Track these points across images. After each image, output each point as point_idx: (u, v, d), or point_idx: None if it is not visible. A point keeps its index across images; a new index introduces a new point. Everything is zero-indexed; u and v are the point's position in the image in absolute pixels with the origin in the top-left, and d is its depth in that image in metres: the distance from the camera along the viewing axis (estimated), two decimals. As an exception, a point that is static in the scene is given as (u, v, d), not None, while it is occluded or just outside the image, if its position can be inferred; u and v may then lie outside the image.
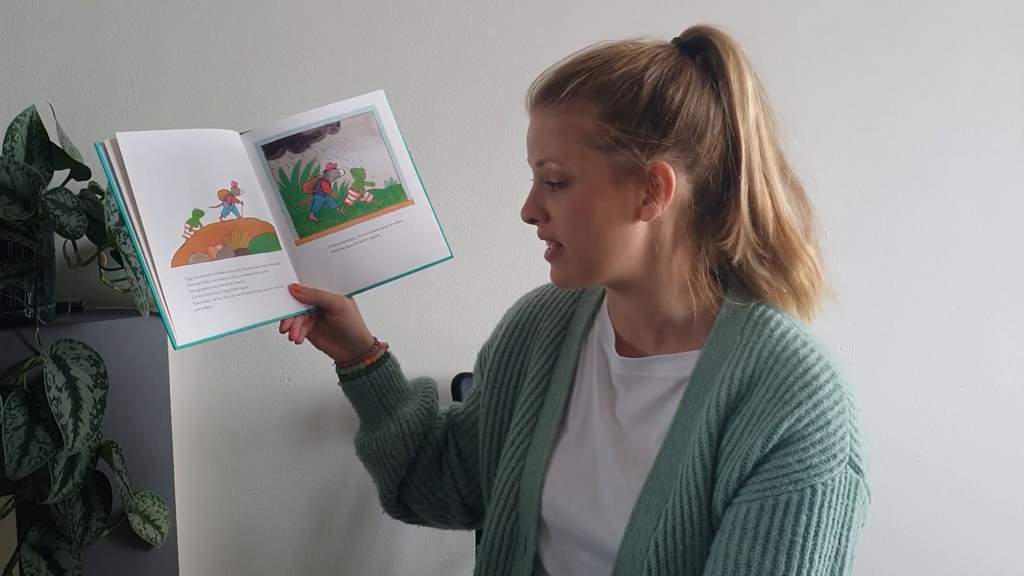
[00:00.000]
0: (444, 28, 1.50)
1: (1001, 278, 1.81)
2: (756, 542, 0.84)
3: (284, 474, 1.51)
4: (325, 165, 1.06)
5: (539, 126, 0.92)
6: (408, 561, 1.58)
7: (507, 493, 1.03)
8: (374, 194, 1.08)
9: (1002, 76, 1.76)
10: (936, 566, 1.84)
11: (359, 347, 1.09)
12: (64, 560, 1.20)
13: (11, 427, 1.10)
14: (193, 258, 0.97)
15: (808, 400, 0.85)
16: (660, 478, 0.91)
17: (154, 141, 0.97)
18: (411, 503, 1.14)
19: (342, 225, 1.06)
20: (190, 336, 0.94)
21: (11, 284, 1.17)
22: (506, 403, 1.08)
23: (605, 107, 0.88)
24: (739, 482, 0.86)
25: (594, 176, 0.89)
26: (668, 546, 0.88)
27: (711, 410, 0.89)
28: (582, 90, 0.89)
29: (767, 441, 0.85)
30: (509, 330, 1.11)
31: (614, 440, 0.97)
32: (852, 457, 0.85)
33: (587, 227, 0.90)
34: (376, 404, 1.10)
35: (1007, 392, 1.83)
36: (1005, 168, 1.78)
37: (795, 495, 0.83)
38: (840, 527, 0.85)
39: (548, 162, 0.91)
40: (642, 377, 0.97)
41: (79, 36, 1.35)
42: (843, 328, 1.75)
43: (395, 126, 1.10)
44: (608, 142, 0.88)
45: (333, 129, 1.07)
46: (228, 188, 1.01)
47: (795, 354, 0.88)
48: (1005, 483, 1.85)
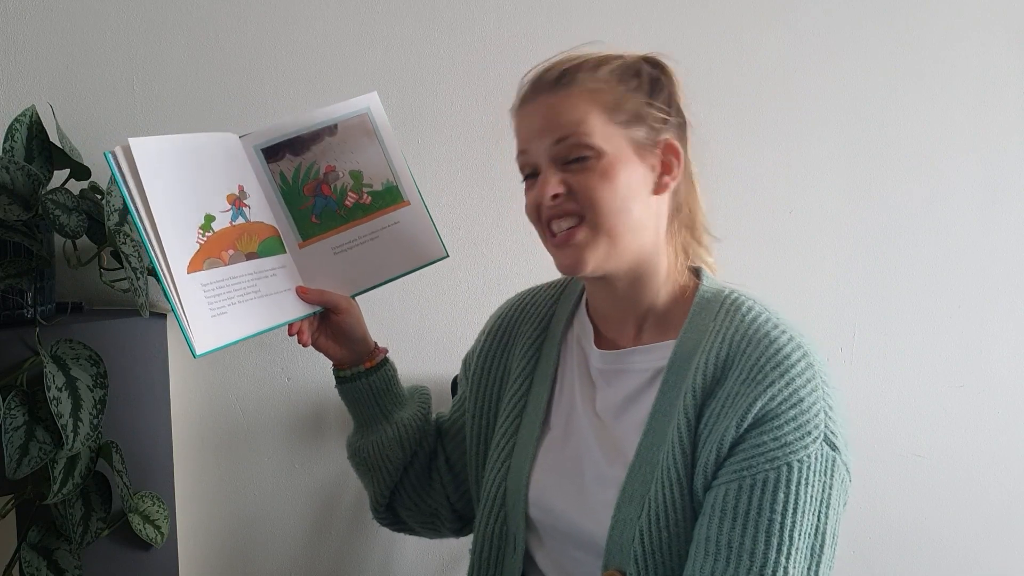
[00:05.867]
0: (442, 28, 1.50)
1: (1001, 278, 1.81)
2: (736, 522, 0.84)
3: (284, 474, 1.51)
4: (324, 167, 1.07)
5: (549, 108, 0.92)
6: (408, 561, 1.58)
7: (494, 493, 1.04)
8: (372, 196, 1.09)
9: (1002, 76, 1.76)
10: (936, 566, 1.84)
11: (361, 349, 1.09)
12: (64, 560, 1.20)
13: (11, 427, 1.10)
14: (207, 263, 0.97)
15: (780, 379, 0.86)
16: (642, 467, 0.92)
17: (164, 146, 0.97)
18: (401, 510, 1.14)
19: (343, 227, 1.07)
20: (209, 343, 0.94)
21: (11, 284, 1.17)
22: (491, 407, 1.09)
23: (623, 84, 0.93)
24: (717, 464, 0.87)
25: (617, 148, 0.92)
26: (653, 534, 0.89)
27: (688, 396, 0.90)
28: (600, 71, 0.93)
29: (741, 421, 0.86)
30: (491, 335, 1.12)
31: (597, 434, 0.98)
32: (827, 434, 0.86)
33: (614, 194, 0.91)
34: (373, 408, 1.11)
35: (1007, 392, 1.83)
36: (1005, 168, 1.78)
37: (771, 473, 0.84)
38: (819, 504, 0.85)
39: (570, 136, 0.91)
40: (621, 370, 0.98)
41: (79, 36, 1.35)
42: (843, 328, 1.75)
43: (389, 128, 1.11)
44: (627, 117, 0.92)
45: (331, 132, 1.07)
46: (236, 192, 1.01)
47: (766, 336, 0.89)
48: (1005, 483, 1.85)
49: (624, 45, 0.97)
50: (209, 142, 1.01)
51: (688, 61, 0.99)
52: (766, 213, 1.67)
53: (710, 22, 1.59)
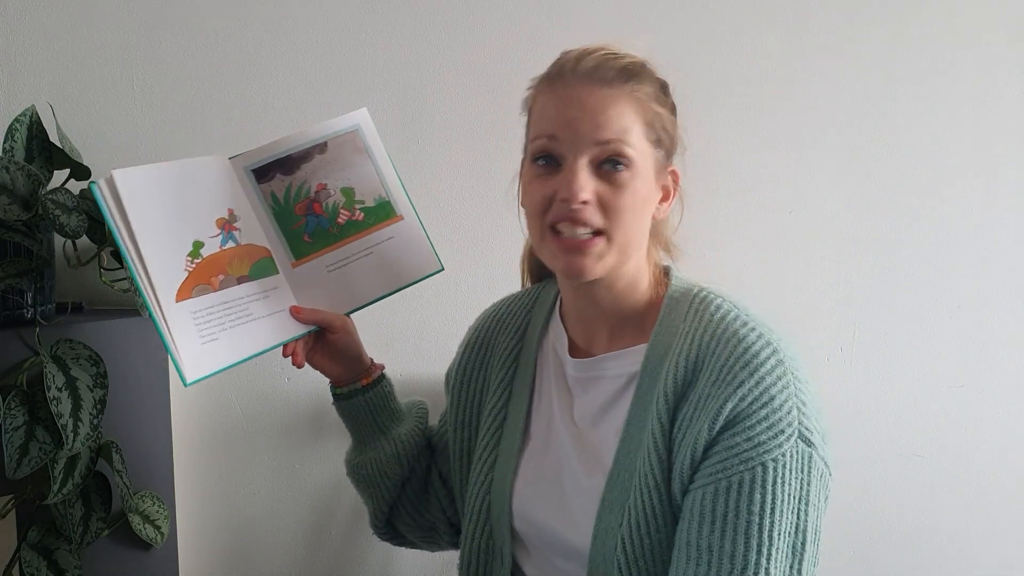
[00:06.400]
0: (440, 31, 1.50)
1: (1001, 278, 1.81)
2: (715, 526, 0.84)
3: (284, 474, 1.51)
4: (316, 186, 1.06)
5: (601, 101, 0.89)
6: (408, 561, 1.58)
7: (478, 507, 1.03)
8: (364, 212, 1.09)
9: (1002, 76, 1.76)
10: (936, 566, 1.84)
11: (357, 366, 1.09)
12: (64, 560, 1.20)
13: (11, 427, 1.10)
14: (197, 291, 0.96)
15: (750, 379, 0.85)
16: (620, 475, 0.91)
17: (149, 176, 0.96)
18: (400, 525, 1.14)
19: (336, 245, 1.07)
20: (200, 371, 0.94)
21: (11, 284, 1.17)
22: (471, 419, 1.09)
23: (659, 101, 0.92)
24: (692, 468, 0.86)
25: (647, 166, 0.92)
26: (635, 541, 0.88)
27: (660, 400, 0.89)
28: (645, 81, 0.91)
29: (713, 423, 0.85)
30: (469, 347, 1.12)
31: (576, 442, 0.97)
32: (802, 431, 0.85)
33: (636, 213, 0.91)
34: (370, 424, 1.10)
35: (1007, 392, 1.83)
36: (1005, 168, 1.78)
37: (747, 474, 0.83)
38: (797, 502, 0.84)
39: (614, 142, 0.89)
40: (595, 377, 0.97)
41: (79, 36, 1.35)
42: (843, 328, 1.74)
43: (380, 143, 1.11)
44: (657, 136, 0.92)
45: (321, 149, 1.07)
46: (225, 216, 1.01)
47: (735, 335, 0.88)
48: (1005, 483, 1.84)
49: (624, 45, 0.96)
50: (197, 167, 1.01)
51: (688, 61, 0.99)
52: (766, 214, 1.67)
53: (710, 22, 1.59)
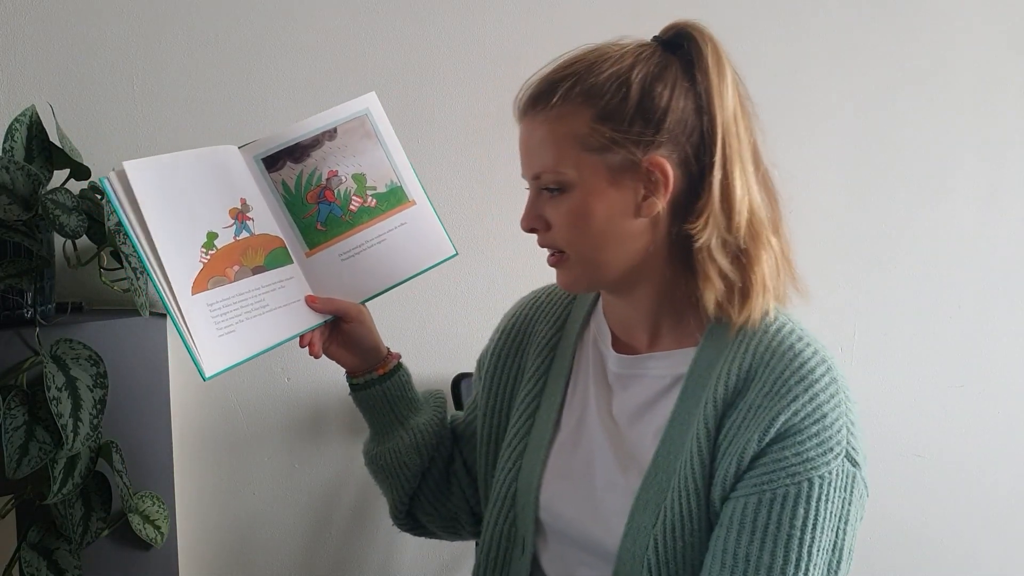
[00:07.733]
0: (443, 26, 1.50)
1: (1001, 278, 1.81)
2: (754, 536, 0.84)
3: (284, 474, 1.51)
4: (327, 173, 1.05)
5: (529, 136, 0.92)
6: (408, 561, 1.58)
7: (504, 494, 1.03)
8: (377, 198, 1.07)
9: (1003, 76, 1.76)
10: (936, 565, 1.84)
11: (373, 356, 1.08)
12: (64, 560, 1.20)
13: (11, 427, 1.10)
14: (212, 282, 0.95)
15: (804, 394, 0.85)
16: (658, 475, 0.91)
17: (160, 167, 0.95)
18: (421, 515, 1.13)
19: (349, 232, 1.05)
20: (218, 365, 0.93)
21: (11, 284, 1.17)
22: (503, 406, 1.08)
23: (596, 109, 0.88)
24: (736, 476, 0.86)
25: (591, 179, 0.89)
26: (668, 543, 0.88)
27: (708, 406, 0.89)
28: (572, 94, 0.89)
29: (764, 435, 0.85)
30: (505, 334, 1.11)
31: (611, 439, 0.97)
32: (849, 450, 0.86)
33: (588, 231, 0.90)
34: (388, 414, 1.09)
35: (1007, 392, 1.83)
36: (1006, 168, 1.78)
37: (792, 488, 0.84)
38: (837, 520, 0.85)
39: (544, 173, 0.91)
40: (638, 375, 0.97)
41: (79, 36, 1.34)
42: (843, 328, 1.75)
43: (390, 127, 1.10)
44: (602, 143, 0.88)
45: (330, 136, 1.06)
46: (238, 206, 1.00)
47: (791, 349, 0.88)
48: (1005, 483, 1.85)
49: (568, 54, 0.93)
50: (207, 156, 0.99)
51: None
52: (766, 213, 1.67)
53: (710, 22, 1.59)
